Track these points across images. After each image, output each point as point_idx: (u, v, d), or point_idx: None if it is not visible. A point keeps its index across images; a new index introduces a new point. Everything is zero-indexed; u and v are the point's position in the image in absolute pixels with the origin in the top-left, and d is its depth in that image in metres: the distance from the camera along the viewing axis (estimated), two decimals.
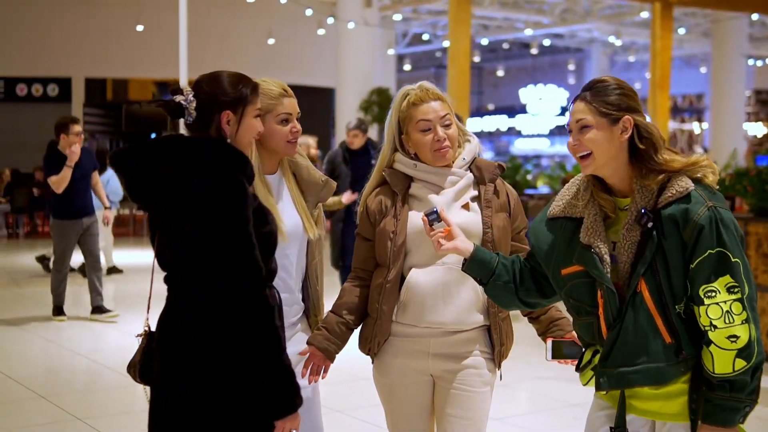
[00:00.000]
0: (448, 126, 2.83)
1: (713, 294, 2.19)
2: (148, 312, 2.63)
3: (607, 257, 2.30)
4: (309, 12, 16.53)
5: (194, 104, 2.43)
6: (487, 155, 30.99)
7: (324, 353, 2.85)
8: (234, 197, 2.33)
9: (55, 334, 7.44)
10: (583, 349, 2.43)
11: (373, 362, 2.93)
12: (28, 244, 14.94)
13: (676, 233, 2.23)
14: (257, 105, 2.52)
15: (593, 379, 2.37)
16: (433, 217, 2.59)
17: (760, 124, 27.31)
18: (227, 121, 2.44)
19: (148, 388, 2.50)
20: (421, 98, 2.83)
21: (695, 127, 29.78)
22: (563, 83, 29.47)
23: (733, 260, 2.20)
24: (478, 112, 32.32)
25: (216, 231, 2.30)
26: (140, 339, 2.58)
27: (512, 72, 30.98)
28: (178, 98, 2.44)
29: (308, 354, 2.85)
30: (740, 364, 2.18)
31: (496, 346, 2.87)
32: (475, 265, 2.54)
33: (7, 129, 20.85)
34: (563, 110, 29.41)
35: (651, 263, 2.24)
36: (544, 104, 29.49)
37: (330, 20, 16.61)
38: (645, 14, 17.77)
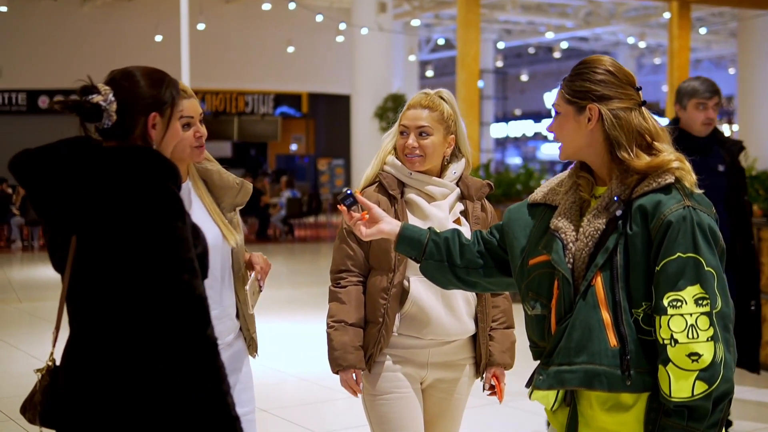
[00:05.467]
0: (423, 136, 2.87)
1: (678, 304, 1.94)
2: (54, 345, 2.28)
3: (572, 245, 2.08)
4: (320, 18, 16.41)
5: (115, 106, 2.07)
6: (515, 161, 30.76)
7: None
8: (172, 216, 2.00)
9: (46, 352, 7.25)
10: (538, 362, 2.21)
11: (369, 371, 2.89)
12: (42, 257, 14.88)
13: (643, 226, 2.01)
14: (180, 106, 2.21)
15: (536, 391, 2.15)
16: (349, 201, 2.39)
17: None
18: (153, 125, 2.10)
19: None
20: (413, 103, 2.91)
21: (725, 129, 29.22)
22: None
23: (706, 269, 1.96)
24: (504, 117, 32.00)
25: (154, 258, 1.97)
26: (39, 374, 2.23)
27: (538, 77, 30.63)
28: (96, 98, 2.06)
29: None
30: (700, 387, 1.91)
31: (481, 350, 2.95)
32: (404, 244, 2.37)
33: (29, 141, 20.67)
34: None
35: (611, 256, 2.02)
36: None
37: (343, 26, 16.43)
38: (669, 15, 17.40)
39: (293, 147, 26.21)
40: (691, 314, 1.93)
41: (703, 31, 19.97)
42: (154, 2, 20.80)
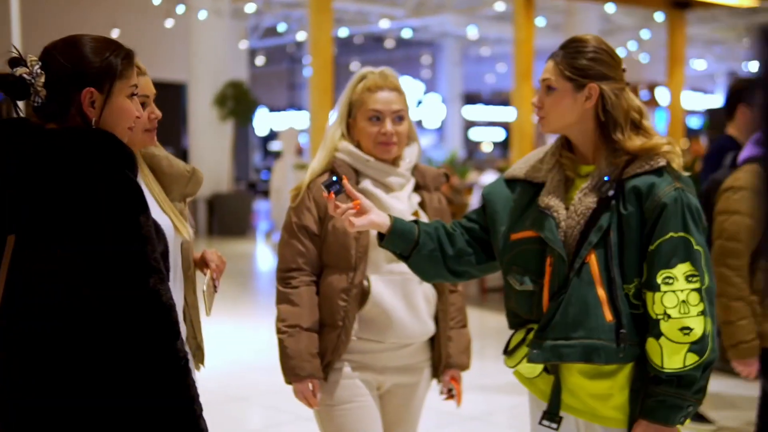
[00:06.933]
0: (399, 121, 2.67)
1: (671, 281, 2.06)
2: None
3: (563, 223, 2.15)
4: (157, 1, 15.62)
5: (43, 79, 1.77)
6: None
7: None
8: (134, 210, 1.69)
9: None
10: (513, 331, 2.28)
11: (325, 379, 2.61)
12: None
13: (637, 207, 2.11)
14: (132, 80, 1.86)
15: (524, 361, 2.21)
16: (336, 188, 2.18)
17: None
18: (91, 101, 1.79)
19: None
20: (378, 85, 2.66)
21: None
22: (418, 76, 29.50)
23: (695, 247, 2.09)
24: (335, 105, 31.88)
25: (114, 260, 1.65)
26: None
27: (367, 66, 30.75)
28: (20, 71, 1.78)
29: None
30: (692, 358, 2.06)
31: (440, 351, 2.76)
32: (395, 238, 2.27)
33: None
34: (418, 104, 29.45)
35: (605, 235, 2.10)
36: None
37: (180, 9, 15.76)
38: (500, 7, 17.82)
39: None
40: (682, 290, 2.05)
41: (540, 22, 20.58)
42: None
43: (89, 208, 1.66)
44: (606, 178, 2.12)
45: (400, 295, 2.62)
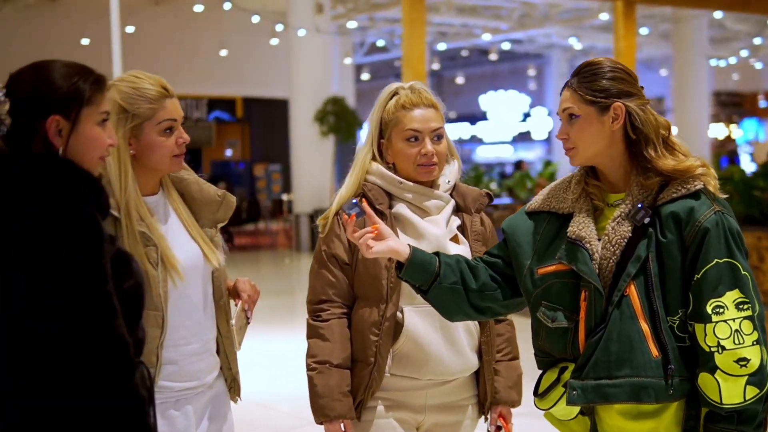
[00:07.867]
0: (438, 140, 2.49)
1: (721, 310, 1.93)
2: None
3: (597, 255, 2.02)
4: (256, 19, 15.97)
5: (7, 106, 1.69)
6: None
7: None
8: (84, 241, 1.60)
9: None
10: (542, 371, 2.15)
11: (358, 418, 2.48)
12: None
13: (676, 233, 1.98)
14: (103, 107, 1.76)
15: (559, 403, 2.08)
16: (357, 210, 2.11)
17: (721, 125, 27.15)
18: (58, 129, 1.69)
19: None
20: (413, 102, 2.48)
21: None
22: (524, 89, 29.15)
23: (742, 273, 1.96)
24: None
25: (54, 297, 1.56)
26: None
27: (472, 79, 30.60)
28: None
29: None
30: (752, 391, 1.91)
31: (486, 387, 2.58)
32: (415, 269, 2.15)
33: None
34: (525, 116, 29.07)
35: (644, 264, 1.98)
36: (506, 111, 29.14)
37: (279, 27, 16.04)
38: (605, 16, 17.43)
39: (228, 152, 25.62)
40: (734, 319, 1.93)
41: (644, 31, 20.08)
42: (81, 4, 20.09)
43: (29, 236, 1.58)
44: (639, 205, 2.00)
45: (437, 328, 2.45)
